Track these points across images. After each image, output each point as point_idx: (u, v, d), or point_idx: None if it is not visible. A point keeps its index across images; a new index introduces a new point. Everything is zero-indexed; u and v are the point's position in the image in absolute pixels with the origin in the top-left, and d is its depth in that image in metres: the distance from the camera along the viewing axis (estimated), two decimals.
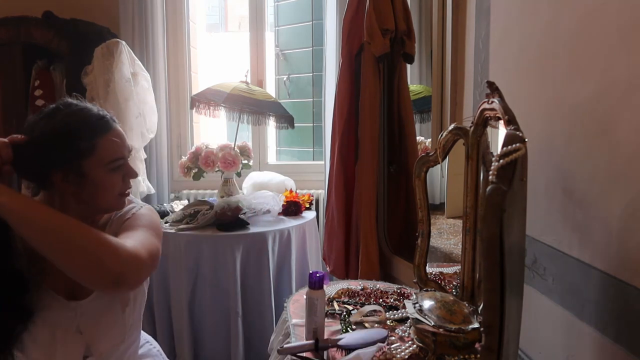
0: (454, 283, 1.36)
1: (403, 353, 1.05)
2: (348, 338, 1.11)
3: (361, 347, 1.06)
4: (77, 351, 1.05)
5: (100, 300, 1.07)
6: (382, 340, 1.11)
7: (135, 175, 1.09)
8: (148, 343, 1.33)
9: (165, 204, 2.61)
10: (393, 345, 1.09)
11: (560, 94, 1.10)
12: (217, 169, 2.47)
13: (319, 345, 1.08)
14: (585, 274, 1.00)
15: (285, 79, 3.34)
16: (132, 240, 0.97)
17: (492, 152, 1.07)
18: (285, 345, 1.10)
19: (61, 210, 1.01)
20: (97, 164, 1.00)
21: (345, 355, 1.05)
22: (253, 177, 2.73)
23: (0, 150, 0.95)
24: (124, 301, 1.10)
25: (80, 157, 0.99)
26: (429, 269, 1.28)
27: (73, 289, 1.05)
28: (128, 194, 1.10)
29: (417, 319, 1.04)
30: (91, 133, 1.00)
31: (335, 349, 1.10)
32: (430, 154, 1.20)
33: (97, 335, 1.06)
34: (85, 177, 1.00)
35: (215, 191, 2.62)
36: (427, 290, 1.21)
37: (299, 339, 1.17)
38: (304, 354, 1.07)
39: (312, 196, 2.73)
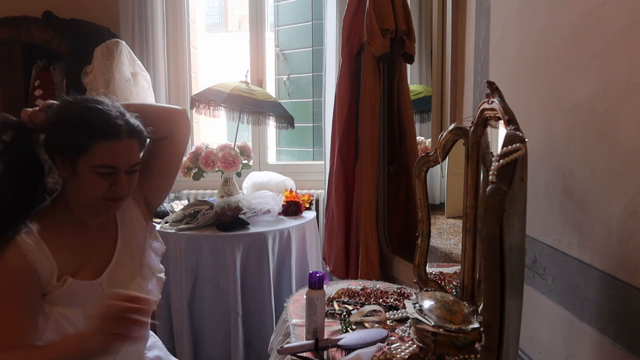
0: (454, 283, 1.36)
1: (403, 353, 1.05)
2: (348, 338, 1.11)
3: (361, 347, 1.06)
4: None
5: (119, 269, 1.13)
6: (382, 340, 1.11)
7: (123, 190, 1.05)
8: (152, 336, 1.34)
9: (165, 204, 2.60)
10: (393, 345, 1.09)
11: (560, 94, 1.10)
12: (217, 169, 2.47)
13: (319, 345, 1.08)
14: (585, 274, 1.00)
15: (285, 79, 3.34)
16: None
17: (492, 152, 1.07)
18: (285, 345, 1.10)
19: (66, 203, 1.08)
20: (88, 163, 1.01)
21: (345, 355, 1.05)
22: (253, 177, 2.73)
23: (37, 114, 1.01)
24: (139, 269, 1.17)
25: (76, 153, 1.00)
26: (429, 269, 1.28)
27: (99, 270, 1.10)
28: (115, 201, 1.07)
29: (417, 319, 1.04)
30: (90, 134, 1.00)
31: (335, 349, 1.10)
32: (430, 154, 1.20)
33: None
34: (76, 171, 1.02)
35: (215, 191, 2.62)
36: (427, 290, 1.21)
37: (299, 339, 1.17)
38: (304, 354, 1.07)
39: (312, 196, 2.73)
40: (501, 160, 0.80)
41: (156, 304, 1.20)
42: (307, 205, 2.61)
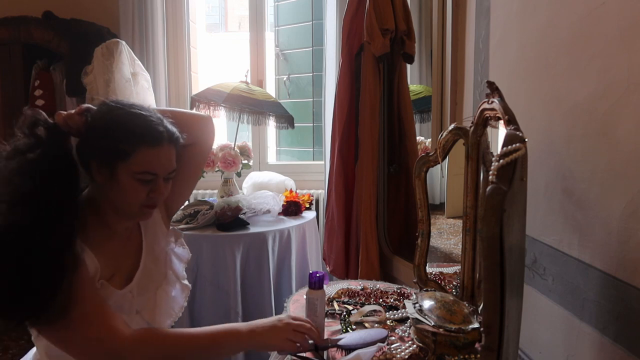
0: (454, 283, 1.36)
1: (403, 353, 1.05)
2: (348, 338, 1.11)
3: (361, 347, 1.06)
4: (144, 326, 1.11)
5: (146, 276, 1.13)
6: (382, 340, 1.11)
7: (161, 196, 1.05)
8: None
9: None
10: (393, 345, 1.09)
11: (560, 94, 1.10)
12: (217, 169, 2.47)
13: (319, 345, 1.08)
14: (585, 274, 1.00)
15: (285, 79, 3.34)
16: None
17: (492, 152, 1.07)
18: None
19: (96, 208, 1.05)
20: (127, 170, 1.00)
21: (345, 355, 1.05)
22: (253, 177, 2.73)
23: (73, 117, 0.98)
24: (164, 275, 1.17)
25: (116, 158, 0.99)
26: (429, 269, 1.28)
27: (128, 277, 1.10)
28: (152, 207, 1.06)
29: (417, 319, 1.04)
30: (133, 140, 0.99)
31: (335, 349, 1.10)
32: (430, 154, 1.20)
33: (153, 312, 1.12)
34: (115, 177, 1.00)
35: (215, 191, 2.62)
36: (427, 290, 1.21)
37: None
38: (304, 354, 1.07)
39: (312, 196, 2.73)
40: (501, 160, 0.80)
41: (182, 310, 1.20)
42: (307, 205, 2.61)
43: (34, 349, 1.14)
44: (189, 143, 1.15)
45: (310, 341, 1.08)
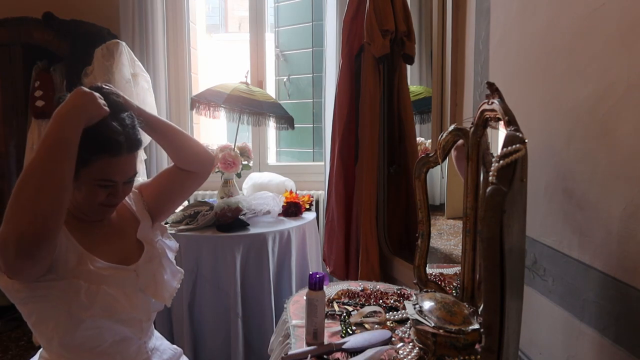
0: (454, 284, 1.36)
1: (410, 356, 1.05)
2: (352, 341, 1.11)
3: (368, 349, 1.06)
4: (148, 304, 1.18)
5: (151, 259, 1.20)
6: (387, 342, 1.11)
7: (119, 199, 1.14)
8: (160, 340, 1.34)
9: None
10: (400, 349, 1.09)
11: (560, 95, 1.10)
12: (217, 170, 2.47)
13: (323, 350, 1.08)
14: (585, 275, 0.99)
15: (285, 79, 3.34)
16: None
17: (492, 153, 1.07)
18: (290, 353, 1.10)
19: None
20: (88, 175, 1.06)
21: (351, 357, 1.05)
22: (253, 178, 2.73)
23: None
24: (164, 255, 1.25)
25: (79, 164, 1.03)
26: (429, 270, 1.27)
27: (126, 255, 1.16)
28: (112, 206, 1.14)
29: (417, 320, 1.04)
30: (93, 150, 1.04)
31: (340, 352, 1.09)
32: (430, 155, 1.20)
33: (155, 289, 1.18)
34: (78, 179, 1.06)
35: (215, 192, 2.62)
36: (427, 291, 1.21)
37: (298, 340, 1.17)
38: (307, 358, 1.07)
39: (312, 197, 2.73)
40: (501, 161, 0.80)
41: (175, 291, 1.25)
42: (307, 206, 2.61)
43: (37, 355, 1.18)
44: (191, 171, 1.29)
45: (314, 347, 1.09)
